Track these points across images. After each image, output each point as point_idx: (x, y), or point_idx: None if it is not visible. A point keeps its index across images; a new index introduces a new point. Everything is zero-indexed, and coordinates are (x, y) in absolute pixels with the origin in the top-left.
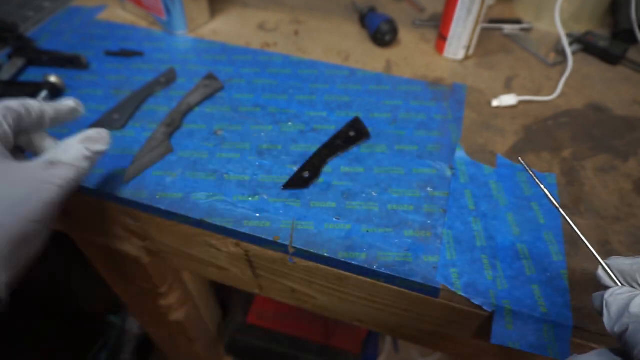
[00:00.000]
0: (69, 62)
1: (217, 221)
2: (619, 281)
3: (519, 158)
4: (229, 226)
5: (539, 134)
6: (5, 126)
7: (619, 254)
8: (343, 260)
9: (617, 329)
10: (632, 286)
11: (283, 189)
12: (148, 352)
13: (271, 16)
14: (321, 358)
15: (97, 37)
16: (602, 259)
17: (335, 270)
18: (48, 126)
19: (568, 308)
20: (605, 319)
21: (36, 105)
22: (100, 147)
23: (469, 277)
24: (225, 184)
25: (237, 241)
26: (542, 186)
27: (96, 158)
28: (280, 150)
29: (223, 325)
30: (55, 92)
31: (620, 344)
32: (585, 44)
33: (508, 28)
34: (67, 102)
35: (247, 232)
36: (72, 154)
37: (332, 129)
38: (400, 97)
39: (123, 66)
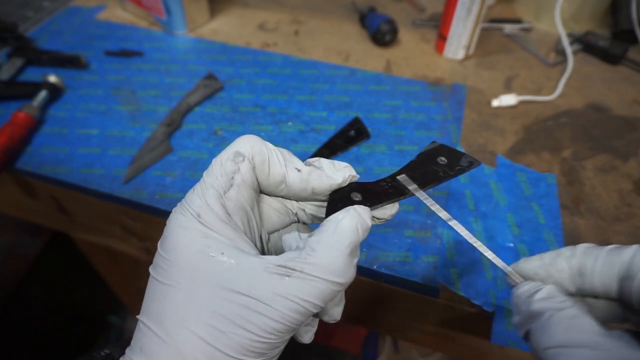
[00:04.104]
0: (69, 62)
1: None
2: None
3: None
4: None
5: (539, 134)
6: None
7: None
8: None
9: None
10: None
11: None
12: None
13: (271, 16)
14: (321, 358)
15: (97, 37)
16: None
17: None
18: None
19: None
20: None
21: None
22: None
23: (469, 277)
24: None
25: None
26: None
27: None
28: None
29: None
30: (55, 92)
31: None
32: (585, 44)
33: (508, 28)
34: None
35: None
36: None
37: (332, 129)
38: (400, 97)
39: (123, 66)
